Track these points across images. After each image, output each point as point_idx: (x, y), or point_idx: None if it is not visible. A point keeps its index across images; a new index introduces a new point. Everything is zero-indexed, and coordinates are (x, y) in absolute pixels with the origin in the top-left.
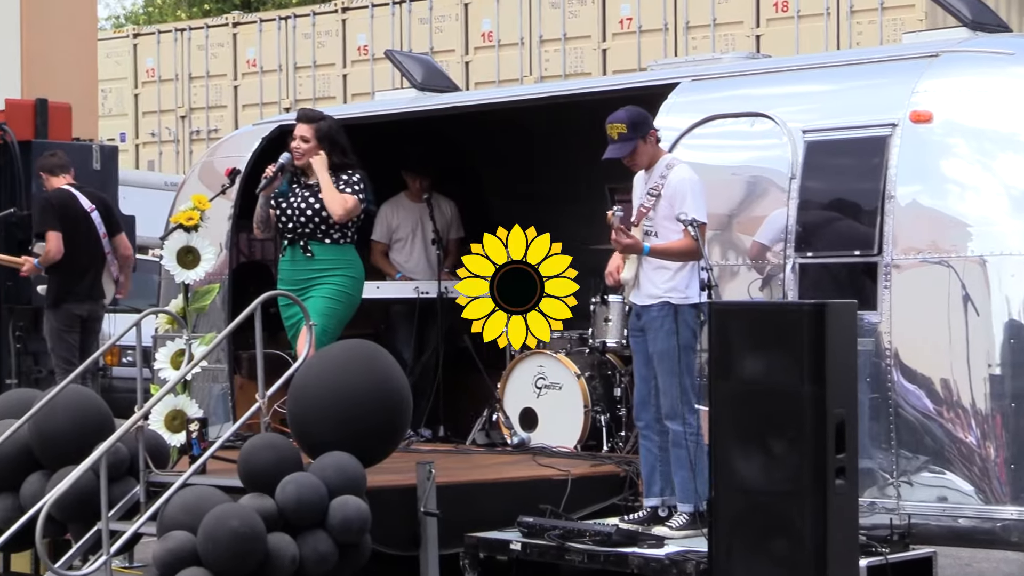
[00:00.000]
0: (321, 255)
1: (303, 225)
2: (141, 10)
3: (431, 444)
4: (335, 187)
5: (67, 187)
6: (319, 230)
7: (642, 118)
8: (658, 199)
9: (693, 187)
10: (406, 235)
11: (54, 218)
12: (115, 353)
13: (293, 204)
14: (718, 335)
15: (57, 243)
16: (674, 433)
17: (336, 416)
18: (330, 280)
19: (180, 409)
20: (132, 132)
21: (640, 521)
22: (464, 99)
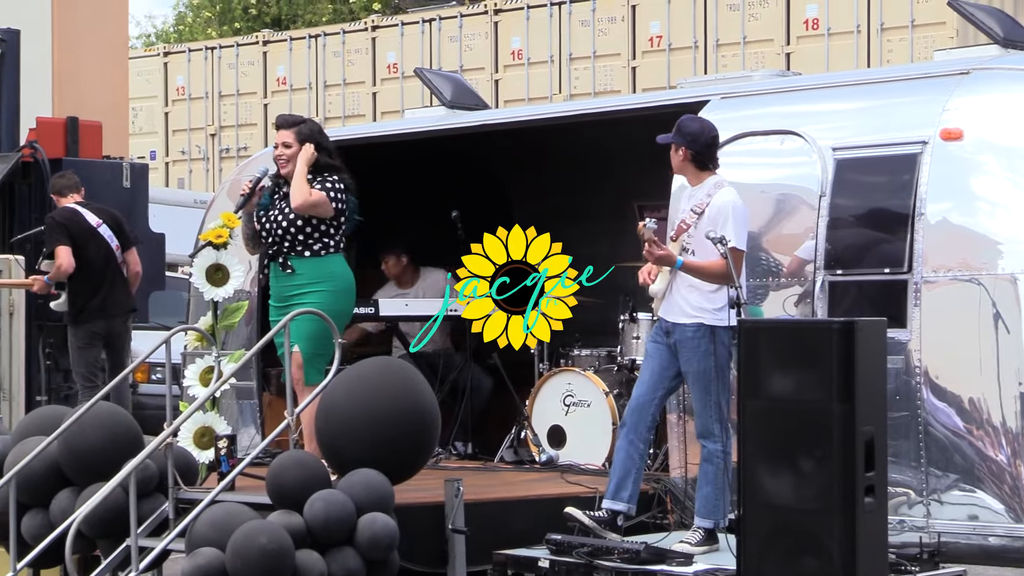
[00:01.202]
0: (301, 269)
1: (280, 239)
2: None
3: (459, 461)
4: (308, 184)
5: (72, 205)
6: (296, 242)
7: (690, 130)
8: (700, 217)
9: (736, 212)
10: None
11: (62, 234)
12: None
13: (272, 217)
14: (747, 353)
15: (67, 257)
16: (706, 451)
17: (365, 434)
18: (309, 299)
19: (209, 426)
20: (162, 150)
21: (599, 521)
22: (493, 117)
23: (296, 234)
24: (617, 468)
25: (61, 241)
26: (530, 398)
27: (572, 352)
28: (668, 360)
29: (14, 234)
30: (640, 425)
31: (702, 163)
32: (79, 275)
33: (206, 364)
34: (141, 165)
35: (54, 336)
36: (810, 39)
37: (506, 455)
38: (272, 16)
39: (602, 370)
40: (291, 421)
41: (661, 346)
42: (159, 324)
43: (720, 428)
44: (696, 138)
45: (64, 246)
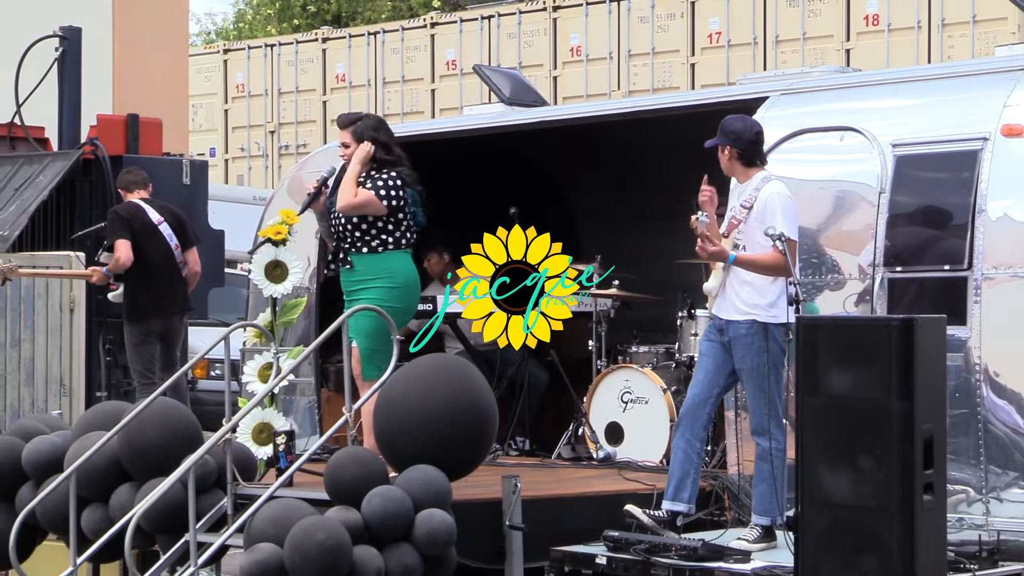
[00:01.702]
0: (359, 266)
1: (341, 236)
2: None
3: (517, 457)
4: (356, 181)
5: (136, 201)
6: (355, 239)
7: (730, 127)
8: (749, 212)
9: (783, 203)
10: None
11: (123, 228)
12: (203, 366)
13: (336, 214)
14: (806, 349)
15: (127, 250)
16: (761, 448)
17: (422, 431)
18: (366, 295)
19: (267, 422)
20: (222, 147)
21: (659, 520)
22: (552, 114)
23: (353, 231)
24: (675, 469)
25: (121, 235)
26: (588, 395)
27: (630, 349)
28: (723, 358)
29: (75, 231)
30: (696, 424)
31: (748, 160)
32: (136, 271)
33: (265, 360)
34: (201, 162)
35: (114, 332)
36: (870, 35)
37: (563, 452)
38: (332, 13)
39: (660, 367)
40: (349, 417)
41: (715, 344)
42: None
43: (775, 425)
44: (740, 136)
45: (124, 240)
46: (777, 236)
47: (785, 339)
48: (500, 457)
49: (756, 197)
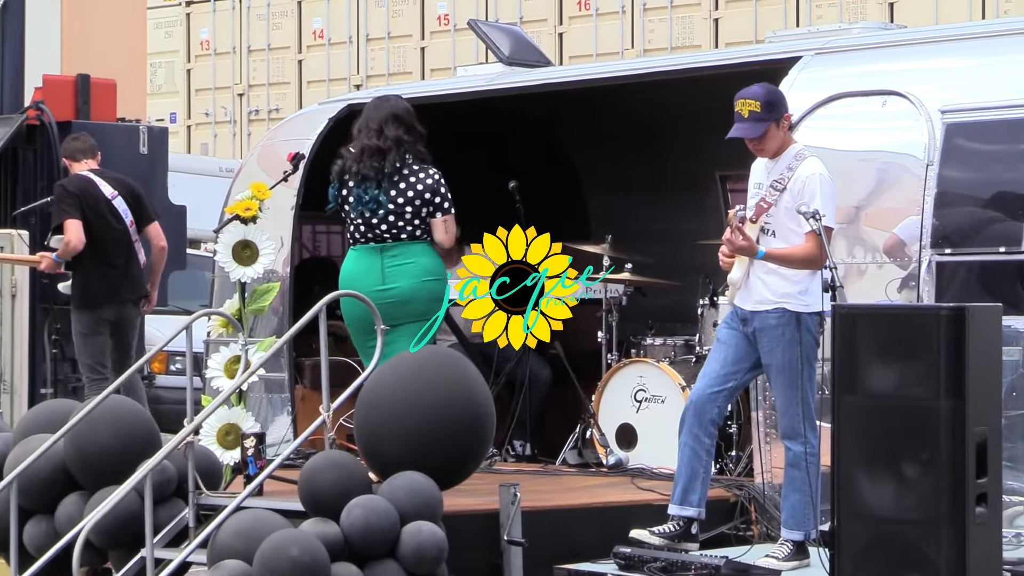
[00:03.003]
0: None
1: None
2: None
3: (516, 463)
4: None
5: (86, 173)
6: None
7: (778, 98)
8: (782, 194)
9: (824, 185)
10: None
11: (72, 206)
12: (162, 360)
13: (365, 203)
14: (843, 343)
15: (77, 232)
16: (792, 453)
17: (410, 431)
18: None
19: (234, 423)
20: (184, 112)
21: (671, 536)
22: (557, 75)
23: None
24: (682, 469)
25: (71, 213)
26: (596, 393)
27: (644, 341)
28: (744, 349)
29: (18, 206)
30: (704, 419)
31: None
32: (87, 253)
33: (232, 353)
34: (160, 129)
35: (61, 321)
36: None
37: (569, 457)
38: None
39: (678, 361)
40: (327, 417)
41: (736, 332)
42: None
43: (808, 427)
44: (781, 101)
45: (74, 219)
46: (811, 214)
47: (819, 330)
48: (497, 463)
49: (790, 176)
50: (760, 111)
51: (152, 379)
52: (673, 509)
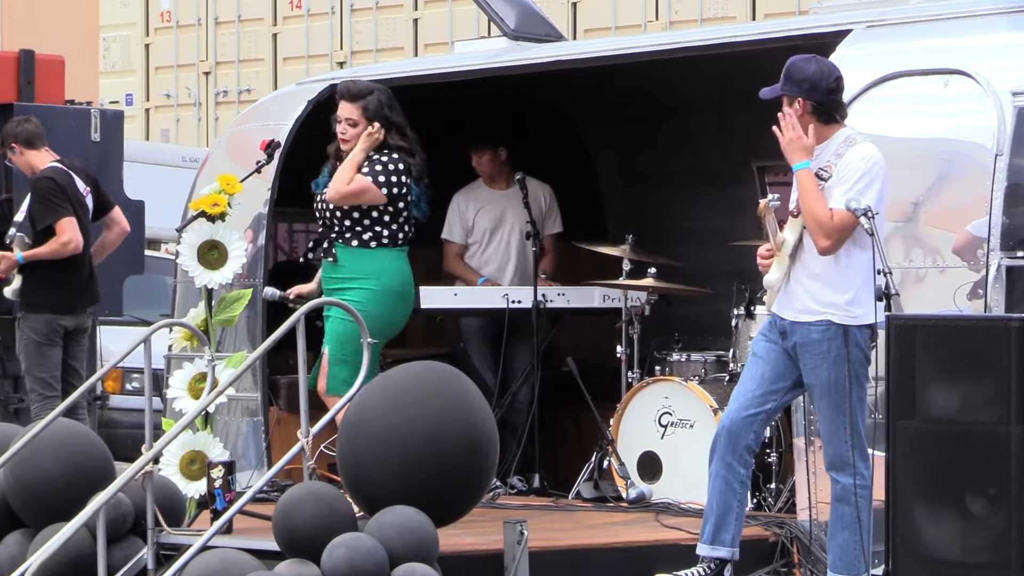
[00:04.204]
0: (344, 261)
1: (329, 223)
2: None
3: (523, 497)
4: (355, 167)
5: (57, 164)
6: (344, 228)
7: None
8: (828, 183)
9: (876, 173)
10: (484, 233)
11: (64, 202)
12: (117, 377)
13: (323, 197)
14: (899, 359)
15: (75, 231)
16: (840, 487)
17: (401, 460)
18: (349, 295)
19: (200, 450)
20: (141, 93)
21: None
22: (570, 51)
23: (343, 218)
24: (714, 502)
25: (65, 211)
26: (615, 416)
27: (670, 357)
28: (784, 365)
29: None
30: (739, 445)
31: (827, 115)
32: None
33: (197, 370)
34: (114, 112)
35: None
36: None
37: (584, 490)
38: None
39: (709, 380)
40: (306, 444)
41: (775, 346)
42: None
43: (858, 457)
44: (815, 84)
45: (70, 217)
46: (863, 211)
47: (870, 344)
48: (501, 496)
49: (837, 164)
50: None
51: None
52: (703, 549)
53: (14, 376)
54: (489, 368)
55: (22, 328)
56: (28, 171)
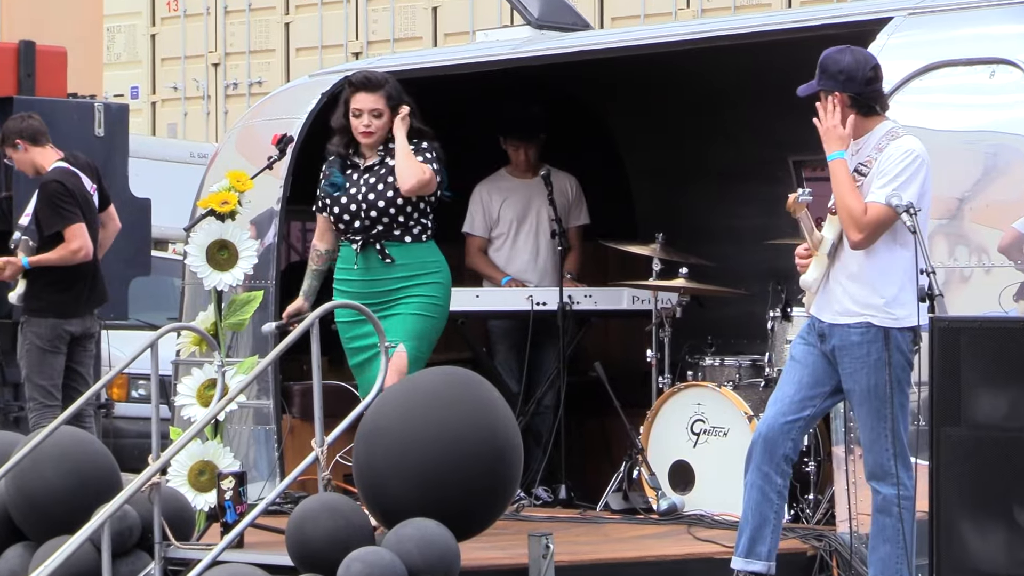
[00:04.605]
0: (402, 258)
1: (372, 221)
2: None
3: (549, 509)
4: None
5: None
6: (395, 225)
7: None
8: (868, 179)
9: (918, 167)
10: (510, 226)
11: (74, 208)
12: (123, 384)
13: (357, 197)
14: (943, 363)
15: (85, 239)
16: (882, 497)
17: (420, 470)
18: (418, 291)
19: (209, 460)
20: (147, 86)
21: None
22: (596, 41)
23: (396, 215)
24: (749, 514)
25: (74, 216)
26: (646, 424)
27: (703, 361)
28: (823, 370)
29: None
30: (776, 453)
31: (866, 107)
32: None
33: (206, 376)
34: (119, 106)
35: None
36: None
37: (612, 501)
38: None
39: (744, 386)
40: (320, 453)
41: (814, 349)
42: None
43: (900, 466)
44: (852, 75)
45: (79, 223)
46: (905, 207)
47: (913, 348)
48: (526, 508)
49: (878, 159)
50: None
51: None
52: (737, 563)
53: (14, 383)
54: (513, 373)
55: (25, 333)
56: (31, 170)
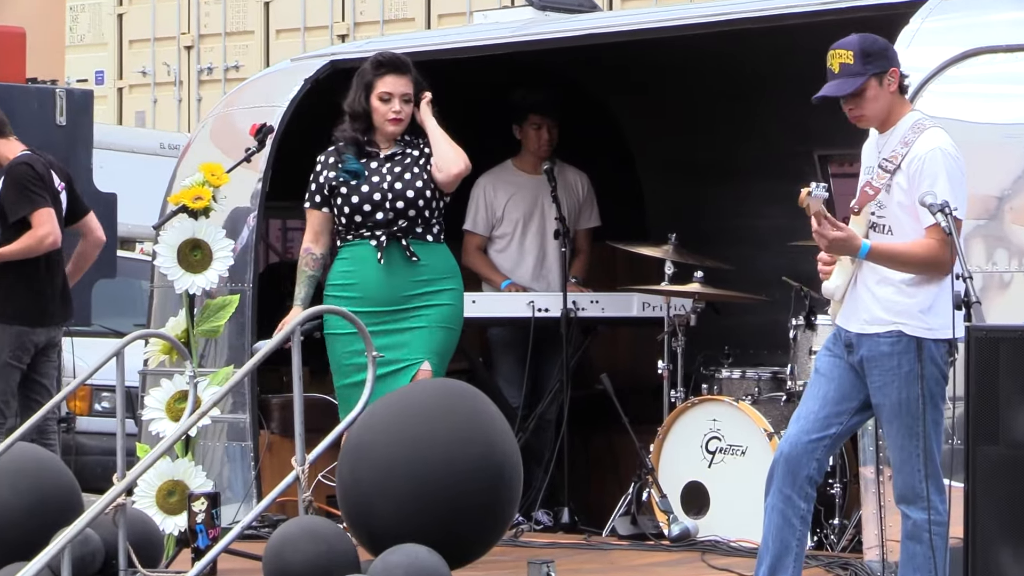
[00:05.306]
0: (427, 259)
1: (400, 214)
2: None
3: (550, 534)
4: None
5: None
6: (421, 220)
7: (879, 48)
8: (894, 176)
9: (950, 163)
10: (515, 226)
11: (43, 192)
12: (85, 396)
13: (382, 185)
14: (980, 376)
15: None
16: (912, 522)
17: (410, 490)
18: (441, 299)
19: (179, 480)
20: (113, 70)
21: None
22: (604, 23)
23: (424, 209)
24: (770, 540)
25: (43, 201)
26: (656, 442)
27: (719, 374)
28: (851, 383)
29: None
30: (799, 475)
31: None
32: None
33: (176, 388)
34: (83, 92)
35: None
36: None
37: (619, 526)
38: None
39: (764, 400)
40: (301, 472)
41: (840, 362)
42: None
43: (932, 488)
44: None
45: (47, 208)
46: (939, 207)
47: (948, 360)
48: (525, 533)
49: (905, 154)
50: (854, 63)
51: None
52: None
53: None
54: (513, 385)
55: None
56: None
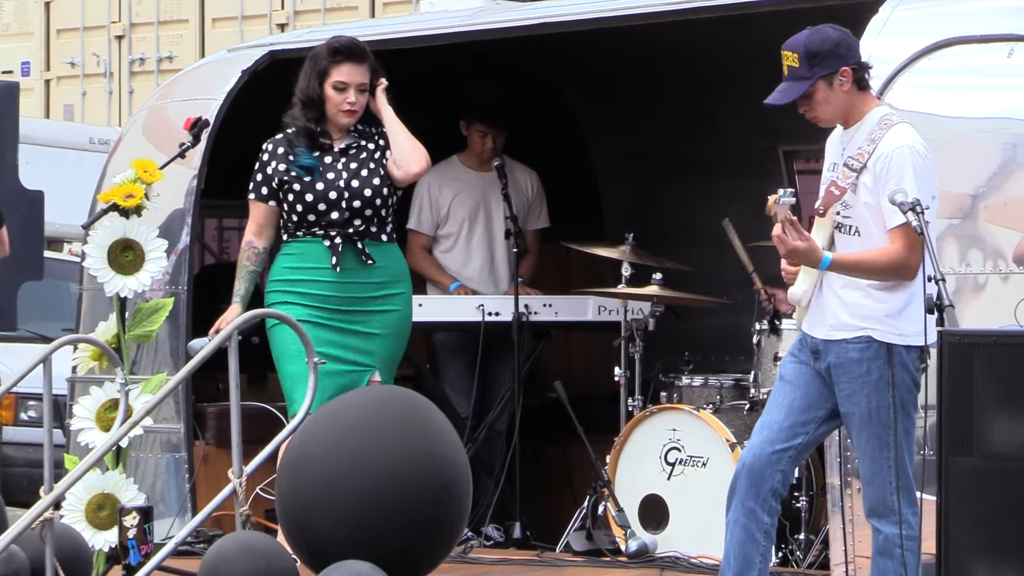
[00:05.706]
0: (381, 261)
1: (356, 213)
2: None
3: (501, 550)
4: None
5: None
6: (376, 219)
7: (828, 48)
8: (860, 174)
9: (917, 161)
10: (461, 225)
11: None
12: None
13: (338, 183)
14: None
15: None
16: (883, 537)
17: (352, 504)
18: (393, 304)
19: (110, 493)
20: (40, 61)
21: None
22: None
23: (380, 207)
24: (732, 556)
25: None
26: (613, 453)
27: (679, 381)
28: (818, 391)
29: None
30: (763, 487)
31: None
32: None
33: (107, 396)
34: (8, 84)
35: None
36: None
37: (574, 542)
38: None
39: (725, 409)
40: (238, 485)
41: (807, 368)
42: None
43: (904, 501)
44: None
45: None
46: (911, 205)
47: (920, 367)
48: (475, 549)
49: (872, 151)
50: (799, 66)
51: None
52: None
53: None
54: (461, 394)
55: None
56: None
